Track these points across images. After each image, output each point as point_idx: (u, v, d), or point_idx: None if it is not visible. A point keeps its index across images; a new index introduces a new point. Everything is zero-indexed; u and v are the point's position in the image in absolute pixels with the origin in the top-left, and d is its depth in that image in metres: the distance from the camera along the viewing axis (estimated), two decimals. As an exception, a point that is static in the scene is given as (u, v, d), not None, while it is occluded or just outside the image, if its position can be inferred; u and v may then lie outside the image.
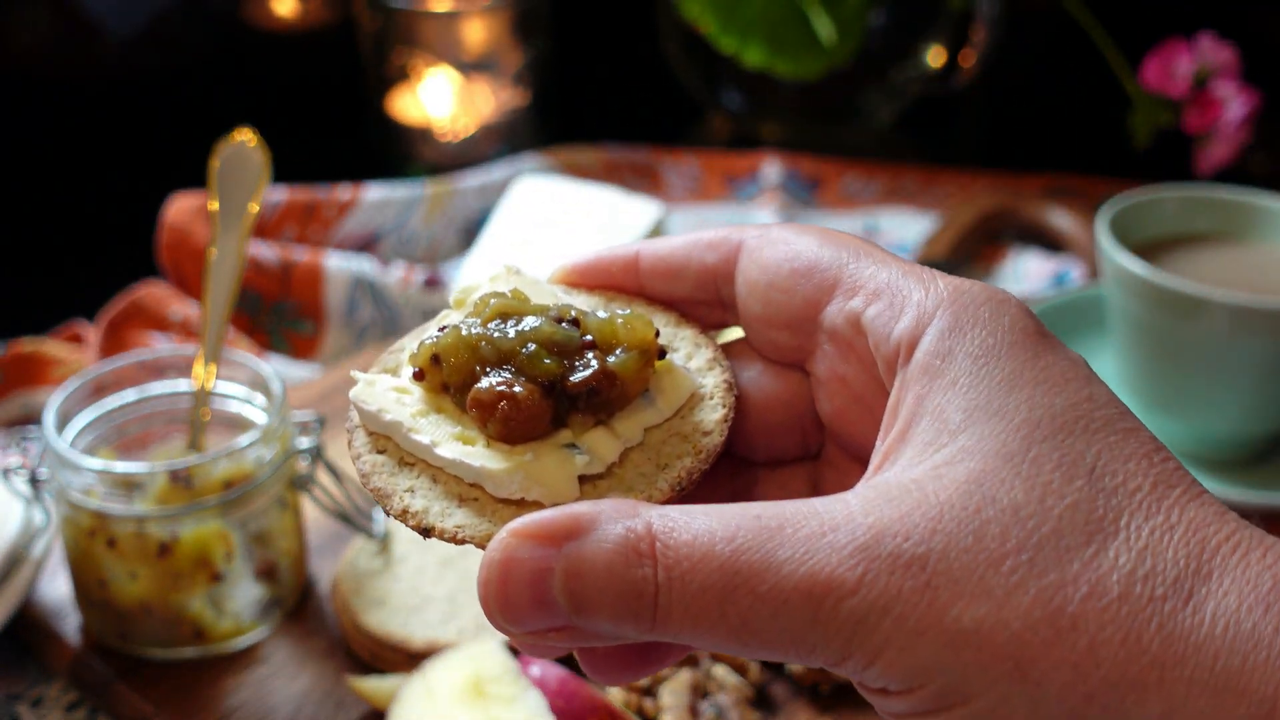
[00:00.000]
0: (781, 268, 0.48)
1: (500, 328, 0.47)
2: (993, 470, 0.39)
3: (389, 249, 1.39)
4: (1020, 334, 0.42)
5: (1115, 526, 0.38)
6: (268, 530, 0.88)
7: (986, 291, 0.44)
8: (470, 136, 1.59)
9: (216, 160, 0.95)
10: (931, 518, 0.38)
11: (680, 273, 0.51)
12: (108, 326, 1.17)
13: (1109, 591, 0.37)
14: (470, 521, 0.44)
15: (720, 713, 0.80)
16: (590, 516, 0.40)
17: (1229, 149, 1.36)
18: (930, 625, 0.37)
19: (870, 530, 0.38)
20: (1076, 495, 0.38)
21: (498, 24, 1.55)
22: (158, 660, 0.88)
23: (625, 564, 0.39)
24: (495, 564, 0.40)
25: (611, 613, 0.39)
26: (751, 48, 1.45)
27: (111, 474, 0.83)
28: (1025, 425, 0.40)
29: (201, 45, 1.67)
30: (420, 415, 0.47)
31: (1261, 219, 1.09)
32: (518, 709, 0.76)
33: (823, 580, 0.38)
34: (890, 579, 0.37)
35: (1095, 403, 0.41)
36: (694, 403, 0.48)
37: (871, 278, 0.46)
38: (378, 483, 0.46)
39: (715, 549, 0.38)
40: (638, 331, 0.47)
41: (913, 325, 0.43)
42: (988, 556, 0.37)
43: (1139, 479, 0.39)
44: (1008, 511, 0.38)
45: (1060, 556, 0.37)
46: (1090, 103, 1.62)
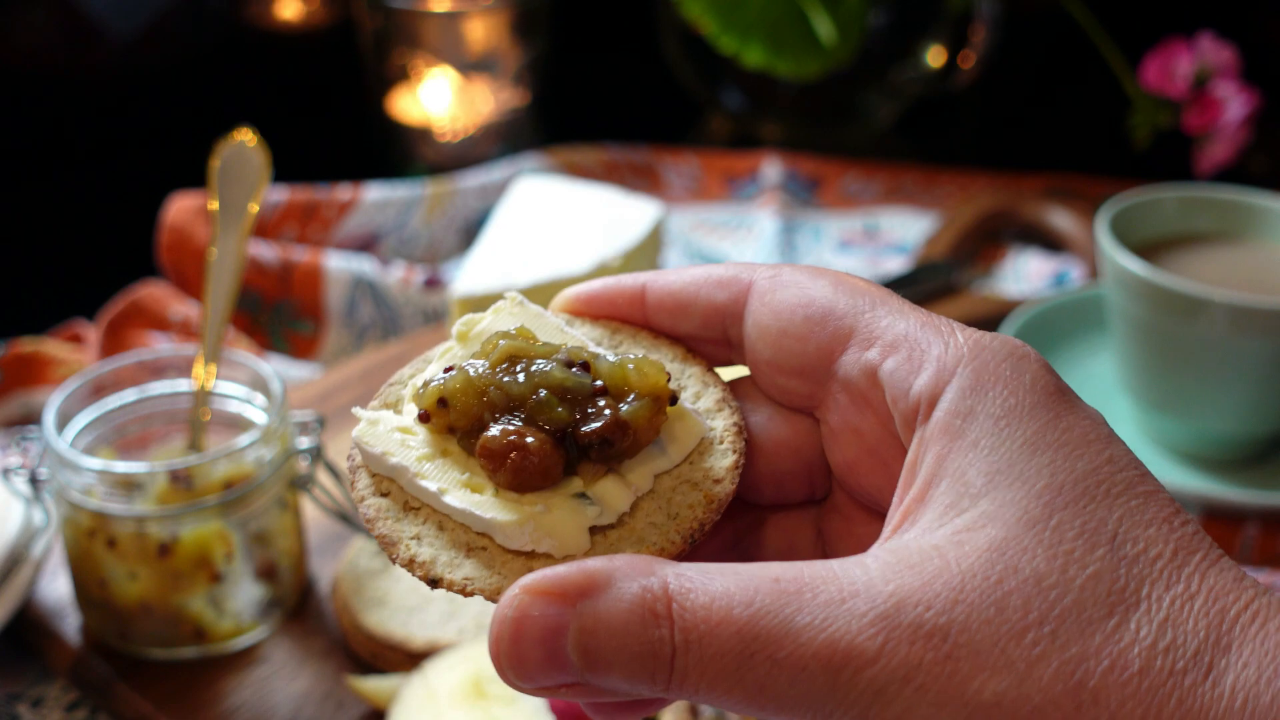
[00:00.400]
0: (795, 313, 0.47)
1: (510, 371, 0.46)
2: (1015, 538, 0.39)
3: (389, 249, 1.39)
4: (1041, 394, 0.42)
5: (1137, 597, 0.38)
6: (268, 530, 0.88)
7: (1007, 347, 0.43)
8: (470, 136, 1.59)
9: (216, 160, 0.95)
10: (954, 587, 0.38)
11: (687, 309, 0.50)
12: (108, 326, 1.17)
13: (1130, 665, 0.37)
14: (479, 574, 0.44)
15: (721, 713, 0.80)
16: (605, 574, 0.39)
17: (1229, 149, 1.36)
18: (952, 697, 0.37)
19: (891, 598, 0.38)
20: (1099, 565, 0.38)
21: (498, 24, 1.55)
22: (158, 660, 0.88)
23: (642, 625, 0.38)
24: (508, 621, 0.39)
25: (626, 673, 0.39)
26: (751, 48, 1.45)
27: (111, 474, 0.83)
28: (1048, 491, 0.40)
29: (202, 45, 1.67)
30: (426, 459, 0.46)
31: (1261, 219, 1.09)
32: (518, 709, 0.76)
33: (843, 649, 0.37)
34: (911, 649, 0.37)
35: (1115, 465, 0.41)
36: (704, 447, 0.48)
37: (889, 328, 0.45)
38: (383, 529, 0.45)
39: (733, 613, 0.38)
40: (650, 378, 0.46)
41: (933, 382, 0.43)
42: (1010, 629, 0.37)
43: (1160, 545, 0.39)
44: (1030, 582, 0.38)
45: (1082, 629, 0.37)
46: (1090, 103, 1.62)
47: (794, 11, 1.45)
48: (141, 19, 1.59)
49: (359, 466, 0.47)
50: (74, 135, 1.57)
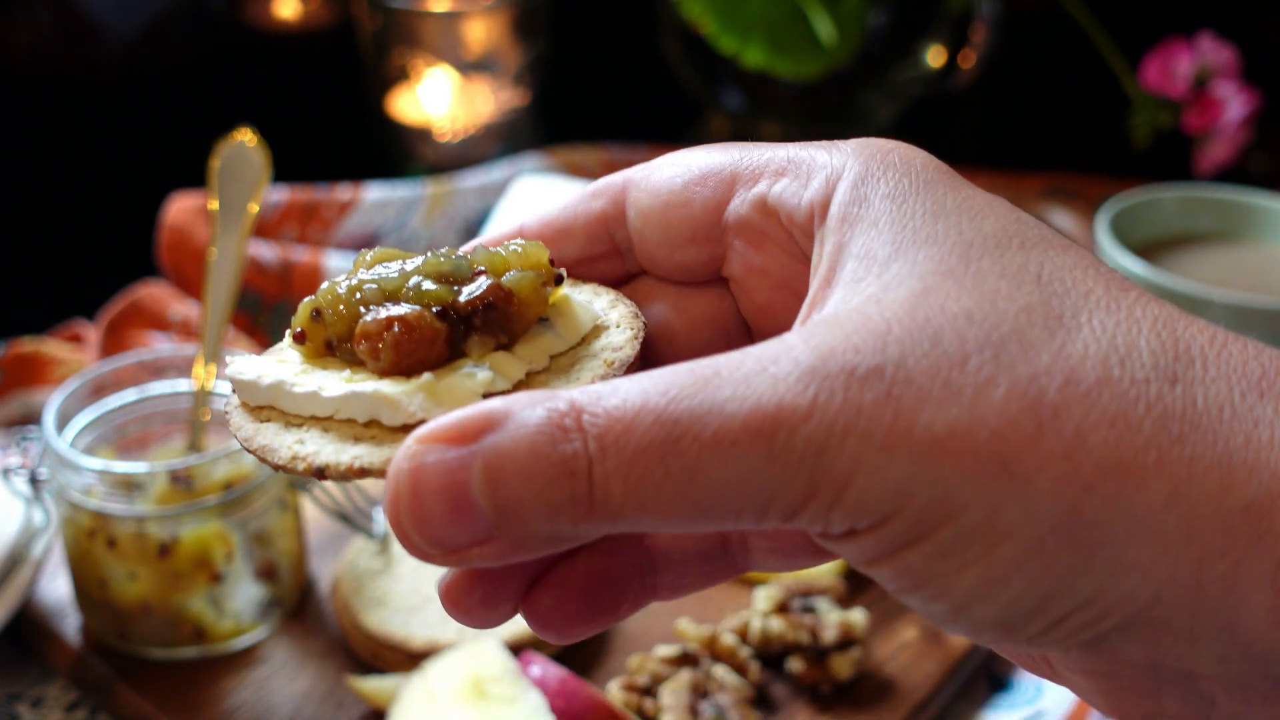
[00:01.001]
0: (674, 183, 0.45)
1: (383, 270, 0.43)
2: (935, 286, 0.36)
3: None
4: (935, 173, 0.40)
5: (1076, 322, 0.35)
6: (268, 530, 0.88)
7: (892, 143, 0.41)
8: (470, 136, 1.59)
9: (216, 160, 0.95)
10: (880, 332, 0.35)
11: (568, 230, 0.48)
12: (108, 326, 1.17)
13: (1086, 377, 0.34)
14: (368, 451, 0.40)
15: (720, 713, 0.80)
16: (504, 408, 0.35)
17: (1229, 149, 1.36)
18: (900, 438, 0.33)
19: (815, 352, 0.34)
20: (1029, 299, 0.35)
21: (498, 24, 1.55)
22: (158, 660, 0.88)
23: (550, 442, 0.34)
24: (403, 473, 0.35)
25: (541, 503, 0.34)
26: (751, 48, 1.45)
27: (111, 474, 0.83)
28: (959, 245, 0.37)
29: (201, 45, 1.67)
30: (303, 371, 0.43)
31: (1261, 219, 1.09)
32: (518, 709, 0.76)
33: (772, 411, 0.33)
34: (847, 395, 0.33)
35: (1026, 224, 0.38)
36: (598, 333, 0.45)
37: (769, 161, 0.44)
38: (261, 440, 0.42)
39: (650, 402, 0.34)
40: (531, 255, 0.43)
41: (823, 186, 0.41)
42: (948, 359, 0.34)
43: (1090, 284, 0.36)
44: (961, 317, 0.35)
45: (1026, 350, 0.34)
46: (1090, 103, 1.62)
47: (794, 11, 1.45)
48: (141, 19, 1.59)
49: (235, 406, 0.44)
50: (74, 135, 1.57)
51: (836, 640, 0.85)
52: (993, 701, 0.88)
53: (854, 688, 0.85)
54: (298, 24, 1.74)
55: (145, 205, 1.31)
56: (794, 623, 0.86)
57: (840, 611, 0.87)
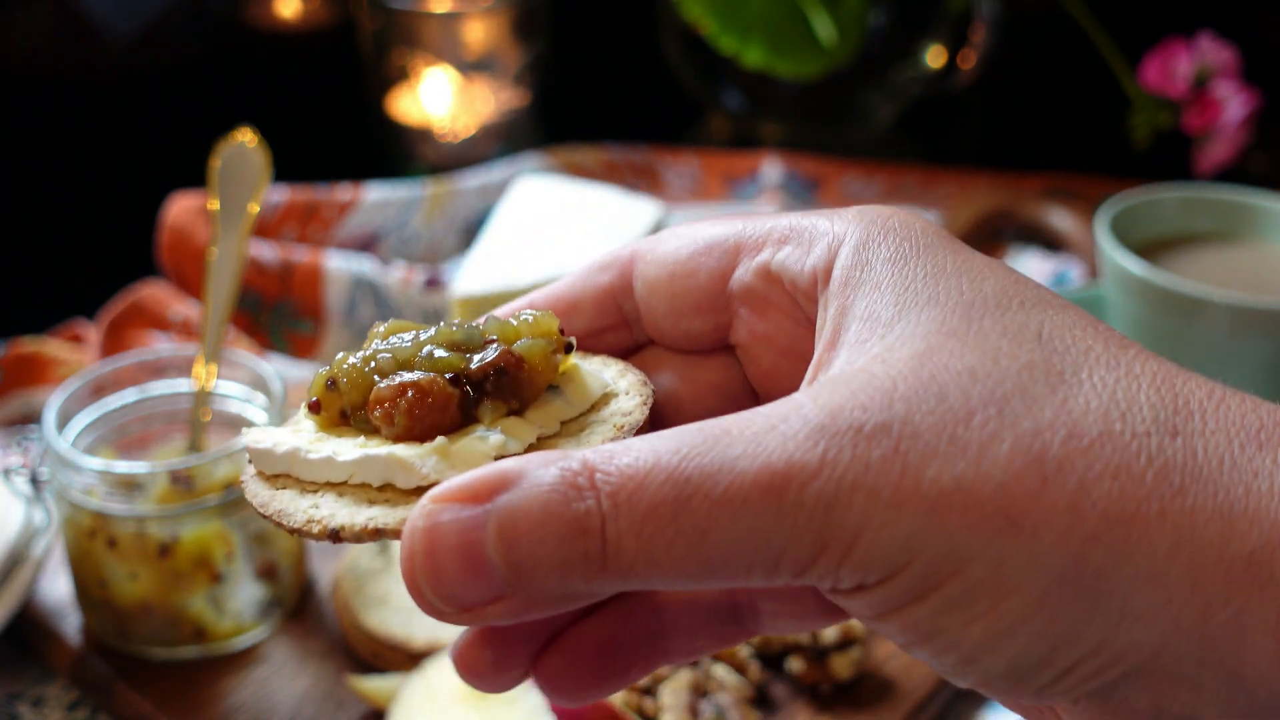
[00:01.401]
0: (680, 254, 0.46)
1: (397, 340, 0.44)
2: (938, 346, 0.37)
3: (389, 249, 1.39)
4: (934, 238, 0.41)
5: (1077, 378, 0.36)
6: (268, 530, 0.88)
7: (893, 209, 0.43)
8: (470, 136, 1.59)
9: (217, 160, 0.95)
10: (886, 390, 0.36)
11: (576, 304, 0.49)
12: (108, 326, 1.17)
13: (1089, 431, 0.35)
14: (382, 513, 0.41)
15: (720, 713, 0.81)
16: (518, 467, 0.36)
17: (1229, 149, 1.36)
18: (908, 493, 0.34)
19: (823, 409, 0.35)
20: (1030, 356, 0.36)
21: (498, 24, 1.56)
22: (158, 660, 0.88)
23: (564, 501, 0.35)
24: (418, 532, 0.36)
25: (555, 561, 0.35)
26: (751, 48, 1.45)
27: (112, 474, 0.83)
28: (961, 305, 0.38)
29: (202, 45, 1.67)
30: (318, 441, 0.44)
31: (1261, 219, 1.09)
32: (518, 709, 0.76)
33: (781, 468, 0.34)
34: (855, 451, 0.34)
35: (1025, 285, 0.39)
36: (608, 399, 0.46)
37: (772, 229, 0.45)
38: (276, 505, 0.43)
39: (662, 461, 0.35)
40: (542, 324, 0.44)
41: (825, 251, 0.42)
42: (954, 415, 0.35)
43: (1089, 341, 0.37)
44: (964, 374, 0.36)
45: (1029, 406, 0.35)
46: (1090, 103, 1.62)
47: (794, 12, 1.45)
48: (141, 19, 1.59)
49: (252, 476, 0.45)
50: (74, 135, 1.57)
51: (836, 640, 0.85)
52: (992, 701, 0.88)
53: (854, 687, 0.85)
54: (298, 24, 1.74)
55: (145, 205, 1.31)
56: (794, 622, 0.86)
57: (840, 611, 0.87)
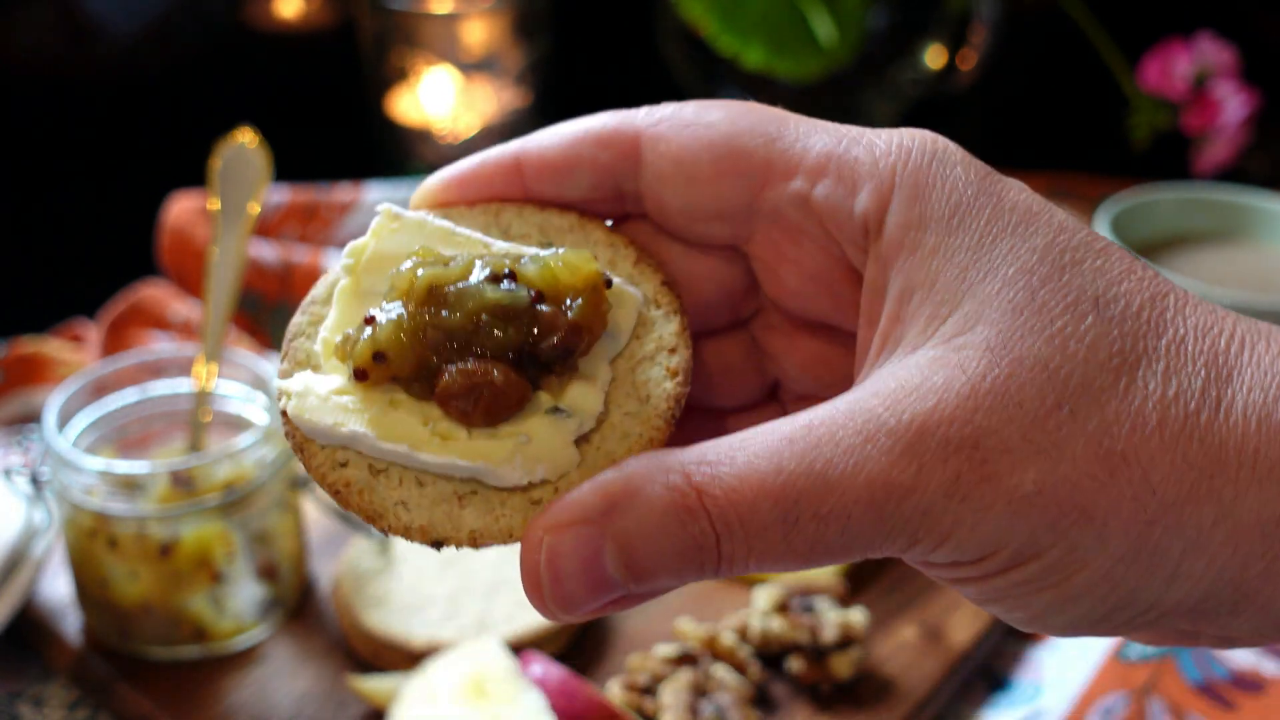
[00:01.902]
0: (699, 158, 0.46)
1: (439, 303, 0.43)
2: (1008, 329, 0.40)
3: (389, 249, 1.39)
4: (976, 183, 0.43)
5: (1135, 354, 0.39)
6: (268, 530, 0.88)
7: (927, 146, 0.44)
8: (471, 137, 1.59)
9: (217, 160, 0.95)
10: (966, 396, 0.39)
11: (571, 175, 0.48)
12: (109, 326, 1.17)
13: (1149, 421, 0.39)
14: (483, 522, 0.42)
15: (720, 712, 0.81)
16: (622, 486, 0.39)
17: (1228, 149, 1.36)
18: (996, 497, 0.38)
19: (912, 426, 0.39)
20: (1093, 332, 0.40)
21: (498, 24, 1.56)
22: (158, 660, 0.88)
23: (679, 524, 0.38)
24: (543, 565, 0.39)
25: (674, 570, 0.39)
26: (751, 49, 1.45)
27: (112, 474, 0.83)
28: (1021, 274, 0.41)
29: (202, 46, 1.67)
30: (380, 419, 0.43)
31: (1261, 219, 1.09)
32: (518, 708, 0.77)
33: (881, 487, 0.38)
34: (946, 467, 0.38)
35: (1067, 232, 0.42)
36: (643, 319, 0.46)
37: (805, 152, 0.45)
38: (360, 502, 0.42)
39: (766, 483, 0.38)
40: (582, 271, 0.44)
41: (874, 200, 0.43)
42: (1032, 419, 0.38)
43: (1138, 296, 0.41)
44: (1037, 369, 0.39)
45: (1096, 399, 0.39)
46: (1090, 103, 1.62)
47: (794, 12, 1.45)
48: (142, 19, 1.59)
49: (304, 443, 0.43)
50: (75, 135, 1.57)
51: (836, 640, 0.85)
52: (992, 701, 0.88)
53: (854, 687, 0.85)
54: (298, 24, 1.74)
55: (145, 205, 1.31)
56: (794, 622, 0.86)
57: (840, 611, 0.87)
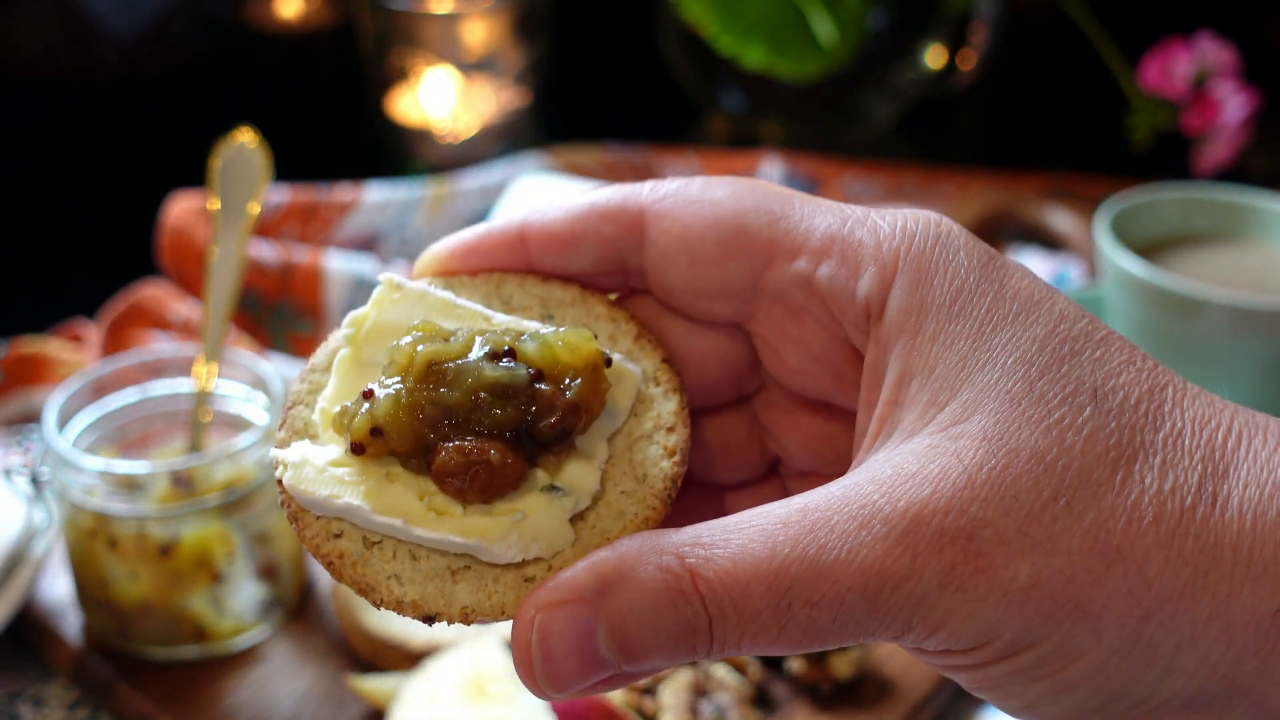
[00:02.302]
0: (704, 236, 0.46)
1: (438, 380, 0.43)
2: (1005, 420, 0.39)
3: (390, 249, 1.39)
4: (978, 269, 0.42)
5: (1133, 447, 0.39)
6: (268, 530, 0.88)
7: (931, 229, 0.43)
8: (470, 137, 1.59)
9: (217, 160, 0.95)
10: (963, 486, 0.38)
11: (575, 248, 0.48)
12: (109, 326, 1.17)
13: (1145, 516, 0.38)
14: (476, 599, 0.42)
15: (720, 712, 0.81)
16: (616, 566, 0.39)
17: (1228, 149, 1.36)
18: (991, 590, 0.38)
19: (907, 514, 0.38)
20: (1091, 425, 0.39)
21: (498, 25, 1.56)
22: (159, 659, 0.88)
23: (672, 607, 0.38)
24: (535, 645, 0.39)
25: (666, 652, 0.39)
26: (752, 49, 1.45)
27: (112, 474, 0.83)
28: (1020, 364, 0.40)
29: (202, 46, 1.67)
30: (375, 493, 0.43)
31: (1261, 219, 1.09)
32: (518, 708, 0.76)
33: (875, 575, 0.38)
34: (941, 557, 0.38)
35: (1068, 320, 0.41)
36: (642, 396, 0.46)
37: (810, 232, 0.44)
38: (354, 576, 0.43)
39: (759, 570, 0.38)
40: (582, 350, 0.44)
41: (876, 283, 0.43)
42: (1028, 512, 0.38)
43: (1136, 388, 0.40)
44: (1034, 461, 0.38)
45: (1093, 493, 0.38)
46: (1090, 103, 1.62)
47: (794, 12, 1.45)
48: (142, 19, 1.59)
49: (298, 513, 0.44)
50: (74, 135, 1.57)
51: (836, 640, 0.85)
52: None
53: (853, 687, 0.85)
54: (298, 24, 1.74)
55: (145, 205, 1.31)
56: (794, 622, 0.86)
57: (840, 611, 0.87)
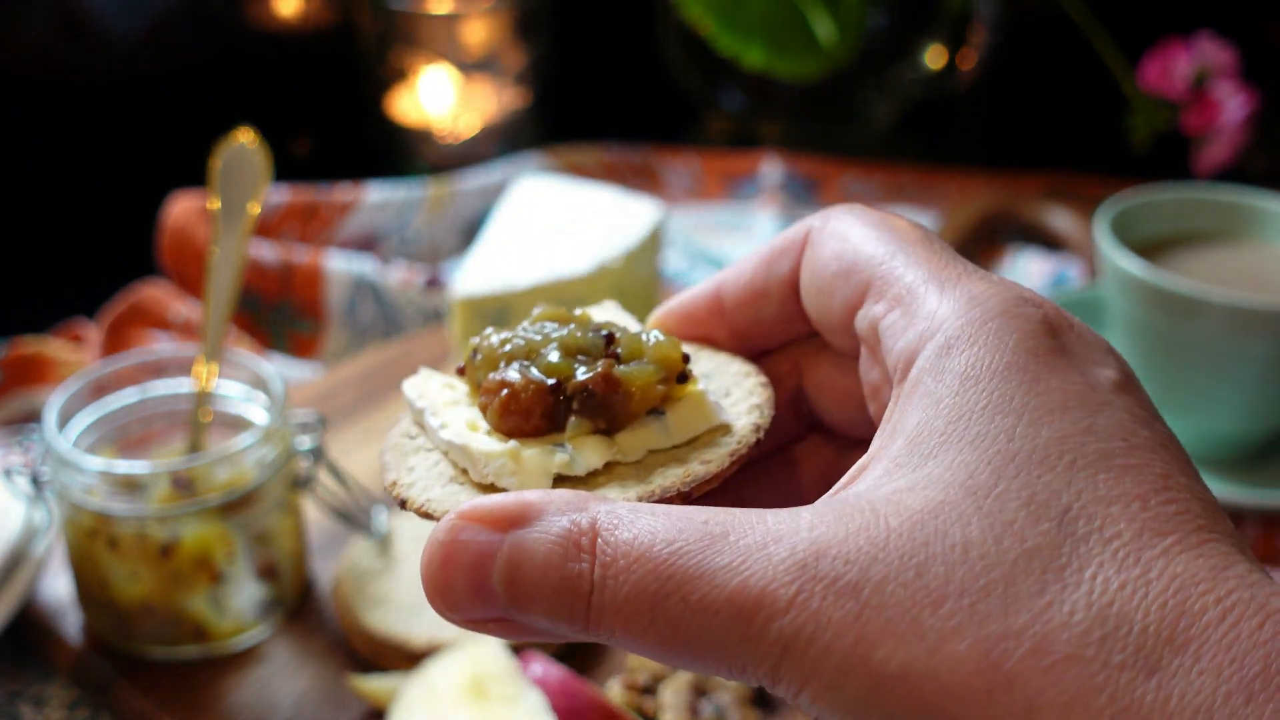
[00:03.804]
0: (829, 268, 0.45)
1: (540, 329, 0.46)
2: (952, 503, 0.35)
3: (390, 249, 1.40)
4: (1026, 354, 0.38)
5: (1078, 578, 0.33)
6: (269, 530, 0.88)
7: (1005, 302, 0.40)
8: (470, 137, 1.59)
9: (217, 160, 0.95)
10: (876, 543, 0.35)
11: (764, 293, 0.48)
12: (109, 326, 1.17)
13: (1055, 651, 0.32)
14: (440, 497, 0.44)
15: (720, 712, 0.81)
16: (539, 505, 0.38)
17: (1228, 150, 1.36)
18: (856, 663, 0.34)
19: (812, 546, 0.35)
20: (1039, 540, 0.34)
21: (498, 24, 1.56)
22: (159, 659, 0.88)
23: (564, 558, 0.37)
24: (439, 544, 0.38)
25: (546, 607, 0.37)
26: (751, 49, 1.45)
27: (113, 474, 0.83)
28: (999, 457, 0.36)
29: (202, 46, 1.67)
30: (450, 405, 0.47)
31: (1261, 219, 1.09)
32: (518, 709, 0.77)
33: (754, 595, 0.35)
34: (822, 603, 0.34)
35: (1095, 435, 0.36)
36: (712, 437, 0.46)
37: (897, 280, 0.43)
38: (387, 457, 0.46)
39: (653, 550, 0.36)
40: (662, 349, 0.45)
41: (916, 339, 0.40)
42: (927, 596, 0.34)
43: (1121, 525, 0.34)
44: (957, 549, 0.34)
45: (1006, 606, 0.33)
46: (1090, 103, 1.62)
47: (794, 12, 1.45)
48: (142, 19, 1.59)
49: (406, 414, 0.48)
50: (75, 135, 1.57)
51: (836, 640, 0.85)
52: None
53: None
54: (298, 24, 1.74)
55: (145, 205, 1.31)
56: (794, 622, 0.86)
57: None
